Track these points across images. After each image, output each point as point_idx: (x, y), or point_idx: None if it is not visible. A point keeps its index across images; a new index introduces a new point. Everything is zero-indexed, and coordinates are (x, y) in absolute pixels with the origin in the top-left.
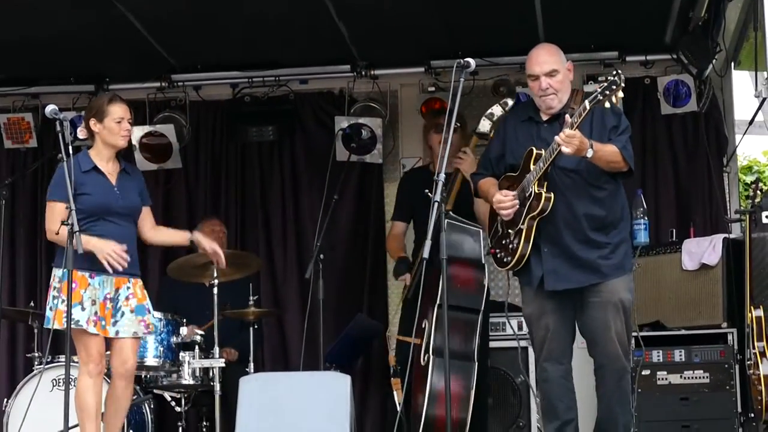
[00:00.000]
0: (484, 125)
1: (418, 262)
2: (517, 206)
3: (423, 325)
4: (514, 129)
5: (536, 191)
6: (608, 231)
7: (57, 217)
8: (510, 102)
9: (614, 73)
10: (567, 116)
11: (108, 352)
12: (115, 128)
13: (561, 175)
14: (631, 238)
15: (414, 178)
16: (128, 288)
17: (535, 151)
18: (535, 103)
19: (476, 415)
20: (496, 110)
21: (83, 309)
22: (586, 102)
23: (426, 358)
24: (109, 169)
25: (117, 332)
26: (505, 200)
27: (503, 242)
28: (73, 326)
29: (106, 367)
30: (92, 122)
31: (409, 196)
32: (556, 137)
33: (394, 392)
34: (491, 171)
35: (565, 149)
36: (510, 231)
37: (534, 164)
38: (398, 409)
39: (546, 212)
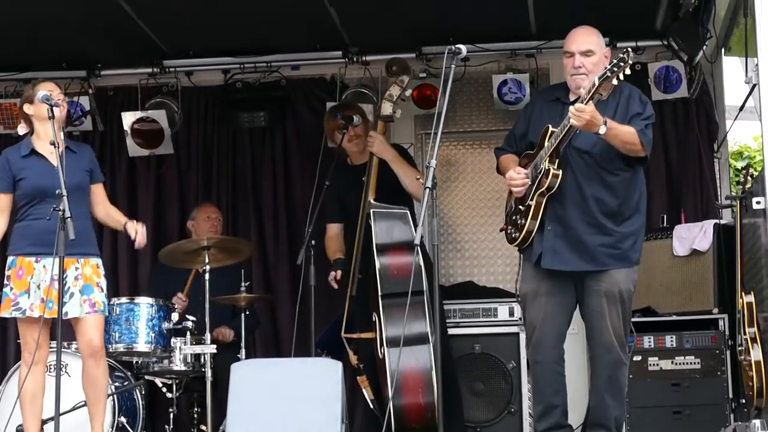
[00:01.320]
0: (386, 108)
1: (354, 257)
2: (528, 184)
3: (373, 319)
4: (541, 109)
5: (546, 168)
6: (619, 220)
7: None
8: (406, 79)
9: (624, 50)
10: (581, 89)
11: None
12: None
13: (574, 155)
14: None
15: (336, 174)
16: (76, 269)
17: (550, 128)
18: (566, 85)
19: (450, 399)
20: (395, 91)
21: (29, 297)
22: (595, 78)
23: (382, 351)
24: (50, 149)
25: (66, 313)
26: (517, 177)
27: (513, 218)
28: (19, 315)
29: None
30: (26, 107)
31: (337, 192)
32: (570, 109)
33: (363, 390)
34: (514, 148)
35: (575, 122)
36: (521, 207)
37: (548, 141)
38: (371, 406)
39: (554, 189)
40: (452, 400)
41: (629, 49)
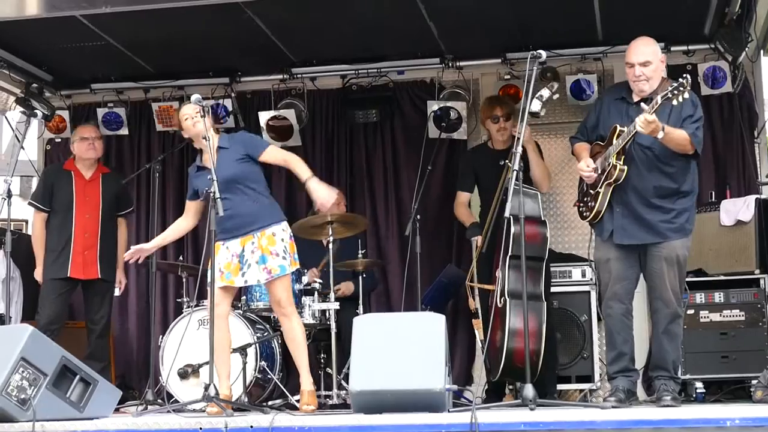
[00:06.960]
0: (535, 105)
1: (488, 222)
2: (595, 175)
3: (496, 275)
4: (608, 106)
5: (614, 163)
6: (675, 199)
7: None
8: (556, 85)
9: (684, 76)
10: (643, 104)
11: None
12: (187, 125)
13: (638, 150)
14: None
15: (477, 153)
16: (253, 243)
17: (618, 127)
18: (629, 86)
19: (548, 347)
20: (545, 92)
21: (211, 271)
22: (658, 97)
23: (502, 300)
24: (207, 158)
25: (245, 281)
26: (586, 170)
27: (585, 199)
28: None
29: None
30: (183, 133)
31: (474, 168)
32: (636, 119)
33: (476, 331)
34: (586, 137)
35: (641, 130)
36: (591, 191)
37: (616, 139)
38: (480, 345)
39: (620, 181)
40: (554, 351)
41: (687, 76)
